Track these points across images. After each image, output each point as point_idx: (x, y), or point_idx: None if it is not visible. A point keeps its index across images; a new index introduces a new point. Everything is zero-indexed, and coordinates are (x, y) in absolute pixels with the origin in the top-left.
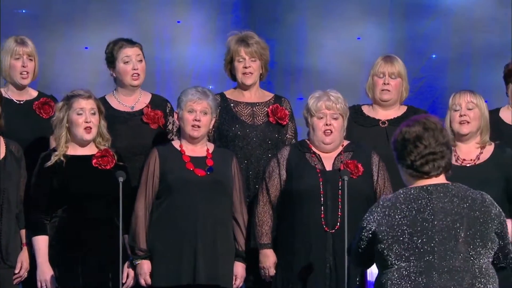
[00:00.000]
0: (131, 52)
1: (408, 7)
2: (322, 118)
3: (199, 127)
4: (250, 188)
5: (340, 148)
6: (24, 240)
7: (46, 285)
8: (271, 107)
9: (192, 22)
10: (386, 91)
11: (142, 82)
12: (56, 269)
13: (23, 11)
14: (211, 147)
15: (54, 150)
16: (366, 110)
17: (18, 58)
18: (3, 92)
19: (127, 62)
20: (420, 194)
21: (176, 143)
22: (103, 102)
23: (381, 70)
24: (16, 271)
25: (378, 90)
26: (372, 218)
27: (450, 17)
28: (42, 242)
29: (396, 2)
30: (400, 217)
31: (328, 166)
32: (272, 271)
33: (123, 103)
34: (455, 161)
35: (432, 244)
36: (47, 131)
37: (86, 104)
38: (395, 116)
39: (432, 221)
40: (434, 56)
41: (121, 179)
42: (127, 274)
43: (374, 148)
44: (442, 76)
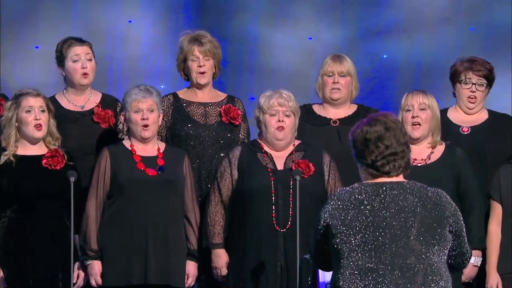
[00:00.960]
0: (80, 51)
1: (360, 7)
2: (274, 115)
3: (147, 126)
4: (202, 187)
5: (291, 148)
6: None
7: None
8: (223, 107)
9: (144, 21)
10: (336, 90)
11: (92, 81)
12: (5, 269)
13: None
14: (162, 146)
15: (4, 149)
16: (317, 109)
17: None
18: None
19: (76, 60)
20: (375, 191)
21: (126, 143)
22: (53, 101)
23: (330, 69)
24: None
25: (328, 89)
26: (327, 211)
27: (401, 17)
28: None
29: (348, 2)
30: (354, 212)
31: (279, 166)
32: (224, 271)
33: (73, 102)
34: None
35: (384, 241)
36: None
37: (35, 102)
38: (346, 115)
39: (385, 217)
40: (385, 56)
41: (72, 179)
42: (77, 274)
43: (326, 147)
44: (393, 76)
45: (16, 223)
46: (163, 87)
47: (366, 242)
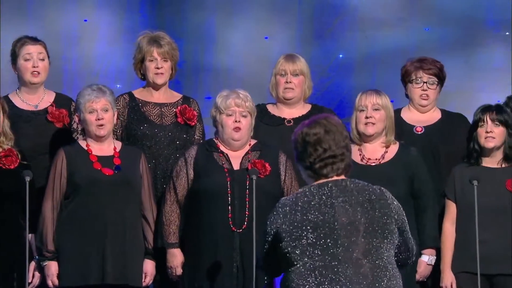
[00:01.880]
0: (32, 50)
1: (316, 7)
2: (231, 115)
3: (103, 125)
4: (157, 187)
5: (247, 147)
6: None
7: None
8: (179, 107)
9: (99, 20)
10: (289, 89)
11: (44, 81)
12: None
13: None
14: (119, 145)
15: None
16: (271, 109)
17: None
18: None
19: (28, 59)
20: (320, 191)
21: (82, 143)
22: (7, 101)
23: (282, 68)
24: None
25: (281, 89)
26: (274, 219)
27: (356, 17)
28: None
29: (304, 2)
30: (301, 214)
31: (235, 165)
32: (179, 271)
33: (27, 102)
34: (360, 160)
35: (334, 240)
36: None
37: None
38: (300, 115)
39: (333, 217)
40: (341, 56)
41: (27, 178)
42: (33, 273)
43: (280, 147)
44: (349, 76)
45: None
46: (119, 86)
47: (318, 241)
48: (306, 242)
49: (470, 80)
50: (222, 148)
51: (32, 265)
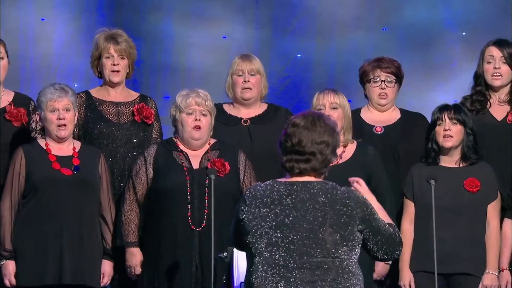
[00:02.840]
0: None
1: (274, 7)
2: (191, 114)
3: (64, 125)
4: (115, 186)
5: (207, 146)
6: None
7: None
8: (136, 106)
9: (57, 19)
10: (247, 89)
11: (3, 80)
12: None
13: None
14: (78, 145)
15: None
16: (228, 108)
17: None
18: None
19: None
20: (288, 190)
21: (41, 142)
22: None
23: (240, 69)
24: None
25: (239, 89)
26: (240, 207)
27: (314, 17)
28: None
29: (262, 2)
30: (266, 210)
31: (195, 164)
32: (138, 270)
33: None
34: None
35: (294, 239)
36: None
37: None
38: (257, 114)
39: (296, 216)
40: (299, 55)
41: None
42: None
43: (238, 146)
44: (307, 76)
45: None
46: (76, 85)
47: (278, 240)
48: (267, 239)
49: (428, 80)
50: (182, 147)
51: None
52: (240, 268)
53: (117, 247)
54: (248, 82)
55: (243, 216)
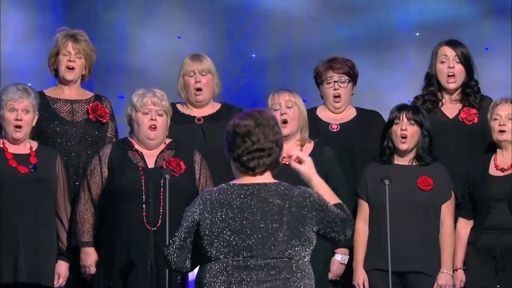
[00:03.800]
0: None
1: (228, 7)
2: (147, 114)
3: (20, 127)
4: (70, 184)
5: (162, 146)
6: None
7: None
8: (91, 104)
9: (10, 18)
10: (199, 91)
11: None
12: None
13: None
14: (35, 145)
15: None
16: (181, 107)
17: None
18: None
19: None
20: (242, 192)
21: None
22: None
23: (191, 69)
24: None
25: (192, 90)
26: (195, 210)
27: (269, 17)
28: None
29: (216, 1)
30: (221, 213)
31: (150, 164)
32: (92, 270)
33: None
34: None
35: (249, 241)
36: None
37: None
38: (210, 113)
39: (252, 218)
40: (254, 55)
41: None
42: None
43: (193, 145)
44: (261, 76)
45: None
46: (30, 85)
47: (232, 242)
48: (222, 241)
49: (382, 80)
50: (137, 146)
51: None
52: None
53: (71, 246)
54: (199, 82)
55: (197, 219)
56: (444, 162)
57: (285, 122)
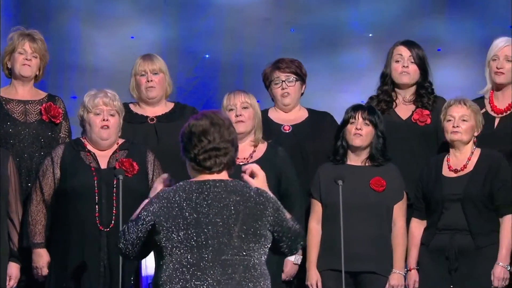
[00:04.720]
0: None
1: (181, 7)
2: (99, 114)
3: None
4: (22, 186)
5: (115, 146)
6: None
7: None
8: (44, 105)
9: None
10: (151, 88)
11: None
12: None
13: None
14: None
15: None
16: (133, 107)
17: None
18: None
19: None
20: (199, 189)
21: None
22: None
23: (142, 69)
24: None
25: (143, 89)
26: (152, 209)
27: (223, 17)
28: None
29: (170, 1)
30: (178, 209)
31: (103, 165)
32: (45, 271)
33: None
34: None
35: (206, 238)
36: None
37: None
38: (163, 112)
39: (208, 215)
40: (207, 56)
41: None
42: None
43: (148, 146)
44: (215, 76)
45: None
46: None
47: (189, 239)
48: (177, 239)
49: (335, 81)
50: (90, 147)
51: None
52: (148, 268)
53: (23, 248)
54: (151, 81)
55: (153, 216)
56: (397, 163)
57: (240, 122)
